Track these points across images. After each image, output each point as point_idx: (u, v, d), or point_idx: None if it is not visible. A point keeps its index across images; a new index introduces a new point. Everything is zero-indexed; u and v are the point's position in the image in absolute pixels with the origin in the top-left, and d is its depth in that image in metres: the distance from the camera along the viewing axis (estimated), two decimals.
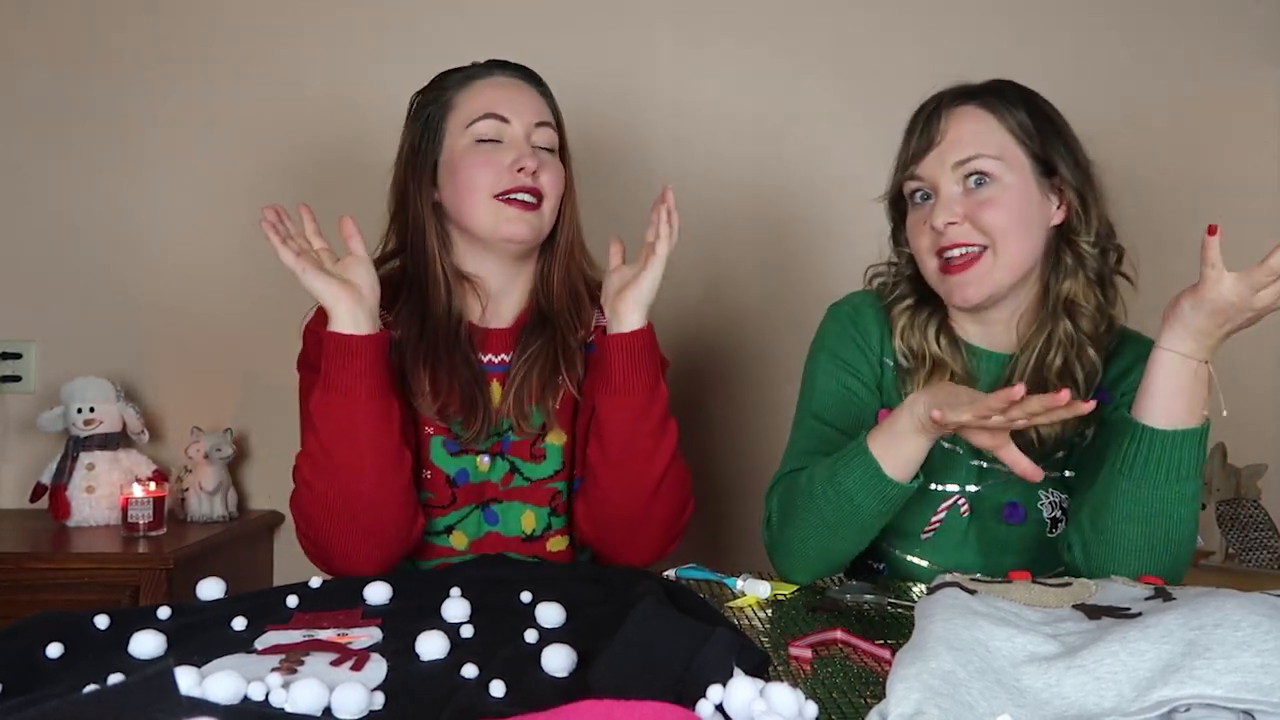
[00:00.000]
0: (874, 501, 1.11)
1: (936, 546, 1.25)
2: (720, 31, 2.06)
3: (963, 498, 1.24)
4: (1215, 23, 2.03)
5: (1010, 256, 1.18)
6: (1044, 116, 1.22)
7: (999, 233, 1.17)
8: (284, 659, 0.77)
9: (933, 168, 1.20)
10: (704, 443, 2.06)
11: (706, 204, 2.02)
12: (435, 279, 1.28)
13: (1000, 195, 1.18)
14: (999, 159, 1.18)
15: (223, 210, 2.07)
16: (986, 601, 0.78)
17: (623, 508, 1.22)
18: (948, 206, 1.18)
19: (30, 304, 2.07)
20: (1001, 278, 1.19)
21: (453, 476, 1.28)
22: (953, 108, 1.21)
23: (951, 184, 1.19)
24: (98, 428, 1.91)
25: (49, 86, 2.08)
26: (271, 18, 2.08)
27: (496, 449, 1.29)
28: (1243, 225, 2.03)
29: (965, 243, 1.18)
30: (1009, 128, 1.20)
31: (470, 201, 1.26)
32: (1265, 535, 1.71)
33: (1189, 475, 1.05)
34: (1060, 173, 1.20)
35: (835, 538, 1.14)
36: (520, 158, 1.25)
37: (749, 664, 0.71)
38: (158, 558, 1.67)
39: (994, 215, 1.17)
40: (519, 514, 1.29)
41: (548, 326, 1.30)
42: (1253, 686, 0.60)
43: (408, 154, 1.32)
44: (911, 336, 1.27)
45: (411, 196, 1.30)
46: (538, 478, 1.30)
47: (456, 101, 1.29)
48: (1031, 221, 1.19)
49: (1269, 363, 2.03)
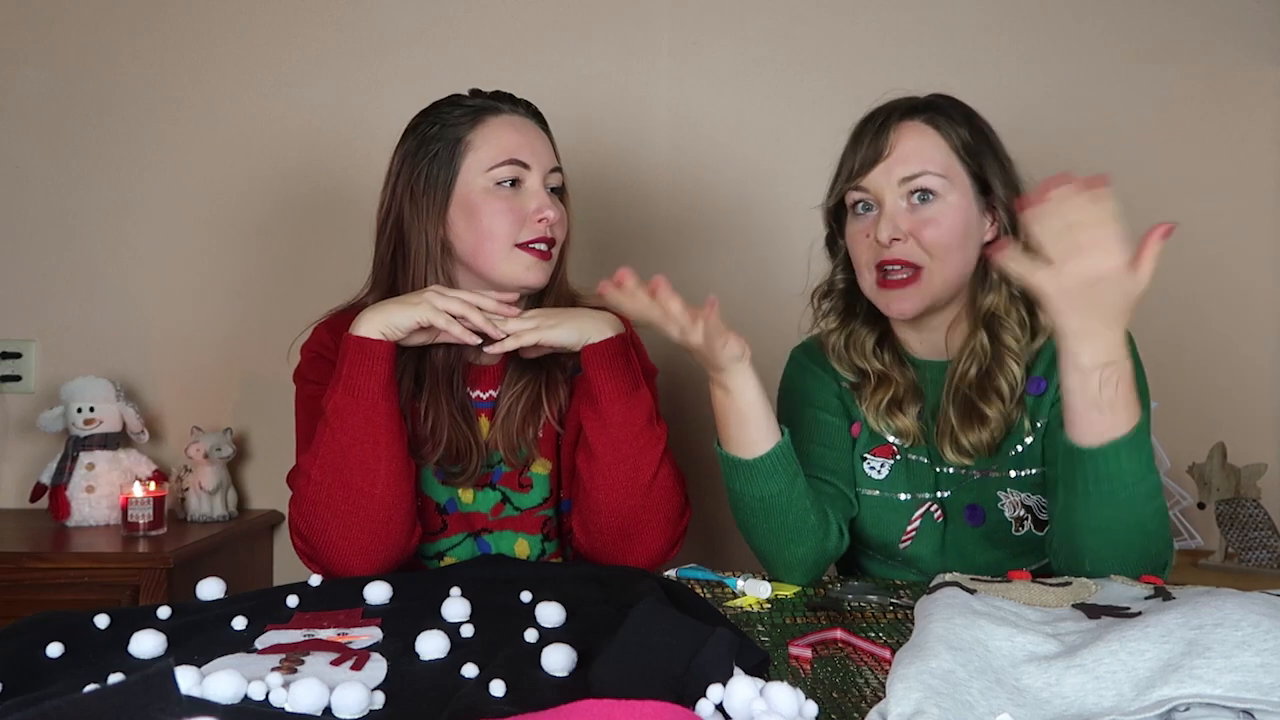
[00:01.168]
0: (767, 482, 1.14)
1: (917, 554, 1.27)
2: (718, 36, 2.06)
3: (934, 504, 1.26)
4: (1215, 23, 2.03)
5: (947, 272, 1.20)
6: (982, 135, 1.24)
7: (939, 250, 1.19)
8: (284, 658, 0.77)
9: (879, 181, 1.21)
10: (704, 443, 2.05)
11: (703, 205, 2.02)
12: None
13: (942, 214, 1.19)
14: (943, 177, 1.20)
15: (223, 210, 2.07)
16: (986, 601, 0.79)
17: (615, 514, 1.22)
18: (892, 221, 1.19)
19: (30, 304, 2.07)
20: (937, 293, 1.21)
21: (442, 504, 1.30)
22: (901, 122, 1.22)
23: (897, 198, 1.20)
24: (98, 427, 1.91)
25: (49, 86, 2.08)
26: (272, 16, 2.08)
27: (486, 480, 1.30)
28: (1243, 225, 2.04)
29: (906, 260, 1.20)
30: (953, 145, 1.21)
31: (490, 248, 1.25)
32: (1265, 535, 1.71)
33: (1139, 477, 1.01)
34: (994, 191, 1.22)
35: (780, 527, 1.16)
36: (541, 208, 1.26)
37: (749, 664, 0.71)
38: (158, 557, 1.67)
39: (935, 234, 1.19)
40: (512, 543, 1.30)
41: (533, 361, 1.30)
42: (1253, 686, 0.60)
43: (411, 186, 1.27)
44: (852, 357, 1.30)
45: (416, 232, 1.27)
46: (527, 506, 1.30)
47: (473, 141, 1.26)
48: (969, 239, 1.22)
49: (1269, 363, 2.03)
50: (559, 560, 1.33)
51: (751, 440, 1.15)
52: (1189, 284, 1.97)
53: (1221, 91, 2.03)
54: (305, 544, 1.20)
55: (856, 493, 1.28)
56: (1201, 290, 1.99)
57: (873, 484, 1.28)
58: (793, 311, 2.08)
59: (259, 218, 2.07)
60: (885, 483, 1.28)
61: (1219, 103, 2.04)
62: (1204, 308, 2.00)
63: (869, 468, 1.29)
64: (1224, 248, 2.01)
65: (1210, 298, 2.00)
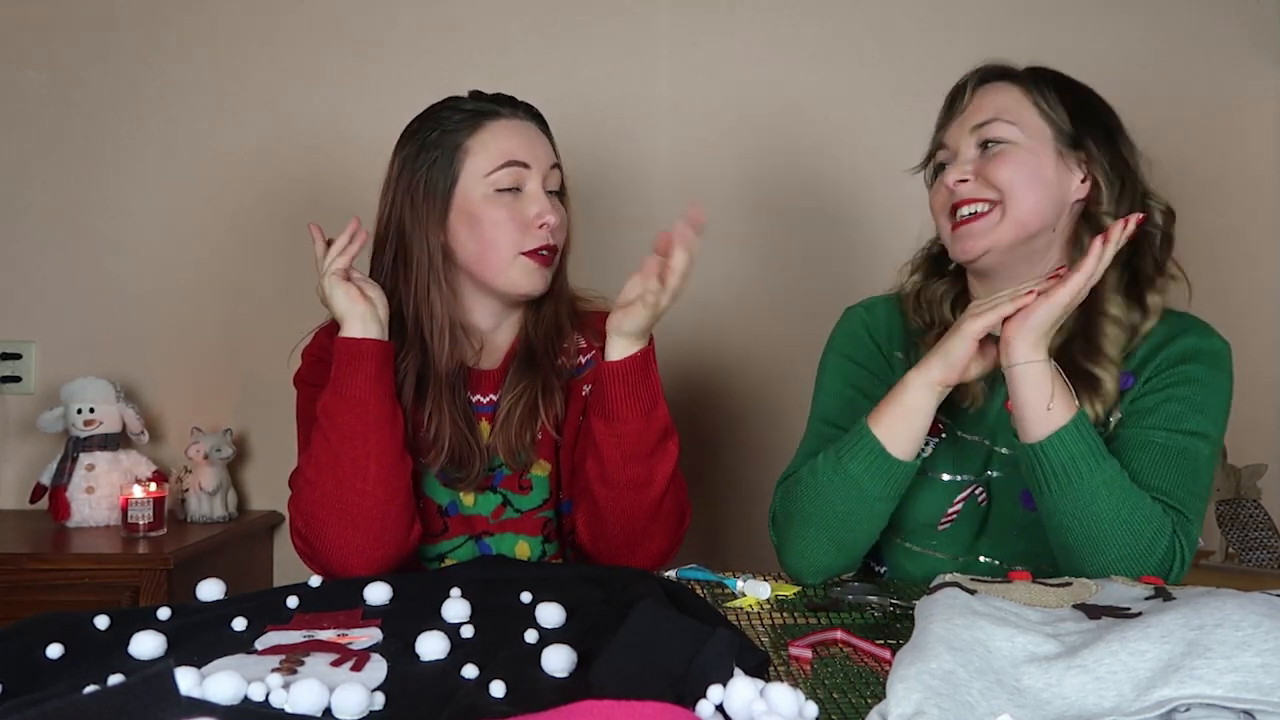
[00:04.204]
0: (881, 484, 1.12)
1: (953, 537, 1.23)
2: (721, 30, 2.06)
3: (979, 486, 1.23)
4: (1215, 23, 2.03)
5: (1018, 212, 1.18)
6: (1081, 98, 1.23)
7: (1007, 187, 1.18)
8: (284, 659, 0.77)
9: (955, 134, 1.24)
10: (705, 443, 2.06)
11: (705, 204, 2.01)
12: (441, 330, 1.27)
13: (1011, 153, 1.19)
14: (1014, 124, 1.19)
15: (223, 210, 2.07)
16: (986, 601, 0.79)
17: (621, 531, 1.22)
18: (960, 165, 1.21)
19: (30, 304, 2.07)
20: (1004, 233, 1.18)
21: (444, 506, 1.30)
22: (983, 84, 1.24)
23: (969, 147, 1.22)
24: (98, 428, 1.91)
25: (49, 87, 2.08)
26: (271, 18, 2.08)
27: (488, 483, 1.30)
28: (1243, 225, 2.04)
29: (975, 198, 1.20)
30: (1034, 100, 1.21)
31: (493, 256, 1.26)
32: (1265, 535, 1.71)
33: (1091, 466, 1.05)
34: (1087, 148, 1.20)
35: (845, 528, 1.14)
36: (542, 213, 1.26)
37: (749, 664, 0.71)
38: (158, 558, 1.67)
39: (1001, 170, 1.18)
40: (513, 544, 1.30)
41: (533, 365, 1.30)
42: (1253, 686, 0.60)
43: (410, 193, 1.27)
44: (926, 308, 1.29)
45: (417, 238, 1.27)
46: (527, 508, 1.31)
47: (472, 147, 1.26)
48: (1045, 182, 1.19)
49: (1269, 363, 2.03)
50: (559, 561, 1.33)
51: (911, 443, 1.13)
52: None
53: (1221, 91, 2.03)
54: (305, 544, 1.20)
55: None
56: (1201, 290, 1.98)
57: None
58: (793, 305, 2.08)
59: (259, 218, 2.07)
60: (929, 461, 1.23)
61: (1219, 103, 2.04)
62: (1204, 308, 1.99)
63: None
64: (1224, 247, 2.01)
65: (1210, 298, 1.99)
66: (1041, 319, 1.07)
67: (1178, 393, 1.15)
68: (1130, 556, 1.06)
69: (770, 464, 1.31)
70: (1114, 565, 1.05)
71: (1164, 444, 1.13)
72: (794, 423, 1.38)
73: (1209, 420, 1.15)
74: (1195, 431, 1.14)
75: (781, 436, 1.34)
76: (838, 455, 1.14)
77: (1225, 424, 1.18)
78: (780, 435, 1.35)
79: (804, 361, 1.44)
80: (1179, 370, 1.16)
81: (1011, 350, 1.08)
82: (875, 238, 1.99)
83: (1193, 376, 1.16)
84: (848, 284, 2.04)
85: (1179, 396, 1.15)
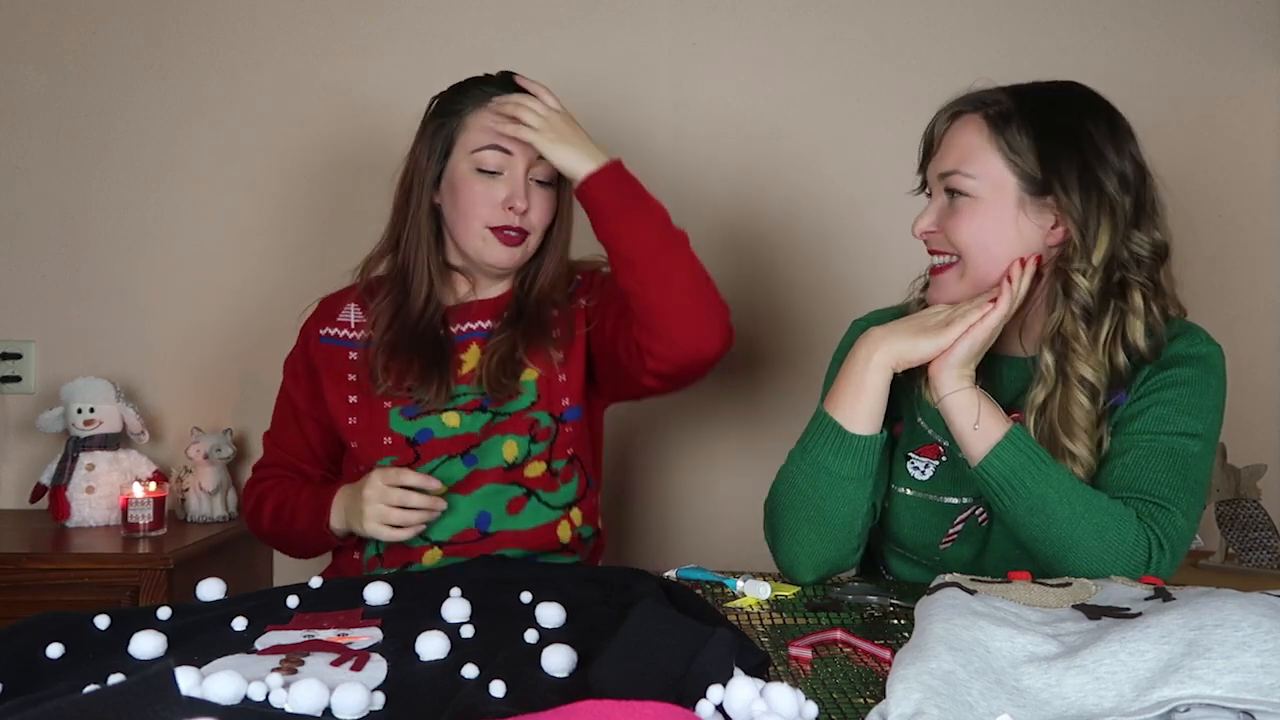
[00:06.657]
0: (849, 463, 1.14)
1: (955, 556, 1.23)
2: (721, 30, 2.06)
3: (979, 506, 1.22)
4: (1215, 23, 2.03)
5: (976, 272, 1.18)
6: (1057, 128, 1.16)
7: (964, 248, 1.19)
8: (284, 659, 0.77)
9: (930, 173, 1.24)
10: (704, 443, 2.06)
11: (706, 205, 2.02)
12: (421, 276, 1.40)
13: (968, 210, 1.18)
14: (973, 178, 1.17)
15: (223, 210, 2.07)
16: (986, 602, 0.79)
17: (670, 297, 1.26)
18: (929, 214, 1.23)
19: (30, 304, 2.07)
20: (965, 289, 1.20)
21: (412, 437, 1.36)
22: (958, 115, 1.21)
23: (939, 192, 1.22)
24: (98, 428, 1.91)
25: (49, 87, 2.08)
26: (273, 19, 2.08)
27: (476, 404, 1.36)
28: (1242, 226, 2.04)
29: (941, 250, 1.22)
30: (999, 146, 1.16)
31: (462, 226, 1.38)
32: (1265, 535, 1.71)
33: (1036, 478, 1.07)
34: (1055, 194, 1.15)
35: (823, 515, 1.14)
36: (512, 197, 1.35)
37: (749, 664, 0.71)
38: (158, 558, 1.67)
39: (959, 230, 1.18)
40: (500, 444, 1.35)
41: (526, 312, 1.41)
42: (1253, 686, 0.60)
43: (420, 150, 1.40)
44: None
45: (415, 197, 1.40)
46: (516, 410, 1.37)
47: (469, 123, 1.37)
48: (1005, 238, 1.17)
49: (1269, 363, 2.03)
50: (541, 463, 1.37)
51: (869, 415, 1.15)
52: (1188, 284, 1.94)
53: (1221, 91, 2.03)
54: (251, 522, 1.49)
55: (890, 490, 1.26)
56: (1201, 290, 1.98)
57: (915, 485, 1.25)
58: (792, 308, 2.08)
59: (258, 218, 2.07)
60: (928, 484, 1.24)
61: (1219, 103, 2.04)
62: (1204, 308, 1.99)
63: (912, 468, 1.25)
64: (1224, 248, 2.01)
65: (1210, 298, 2.00)
66: (962, 354, 1.13)
67: (1164, 396, 1.14)
68: (1097, 552, 1.05)
69: (771, 464, 1.30)
70: (1086, 565, 1.05)
71: (1148, 445, 1.12)
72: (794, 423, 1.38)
73: (1197, 420, 1.14)
74: (1182, 432, 1.13)
75: (783, 436, 1.33)
76: (803, 445, 1.18)
77: (1218, 422, 1.17)
78: (782, 435, 1.34)
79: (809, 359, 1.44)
80: (1165, 375, 1.15)
81: (938, 385, 1.14)
82: (878, 237, 1.98)
83: (1179, 380, 1.15)
84: (850, 284, 2.04)
85: (1165, 400, 1.14)
